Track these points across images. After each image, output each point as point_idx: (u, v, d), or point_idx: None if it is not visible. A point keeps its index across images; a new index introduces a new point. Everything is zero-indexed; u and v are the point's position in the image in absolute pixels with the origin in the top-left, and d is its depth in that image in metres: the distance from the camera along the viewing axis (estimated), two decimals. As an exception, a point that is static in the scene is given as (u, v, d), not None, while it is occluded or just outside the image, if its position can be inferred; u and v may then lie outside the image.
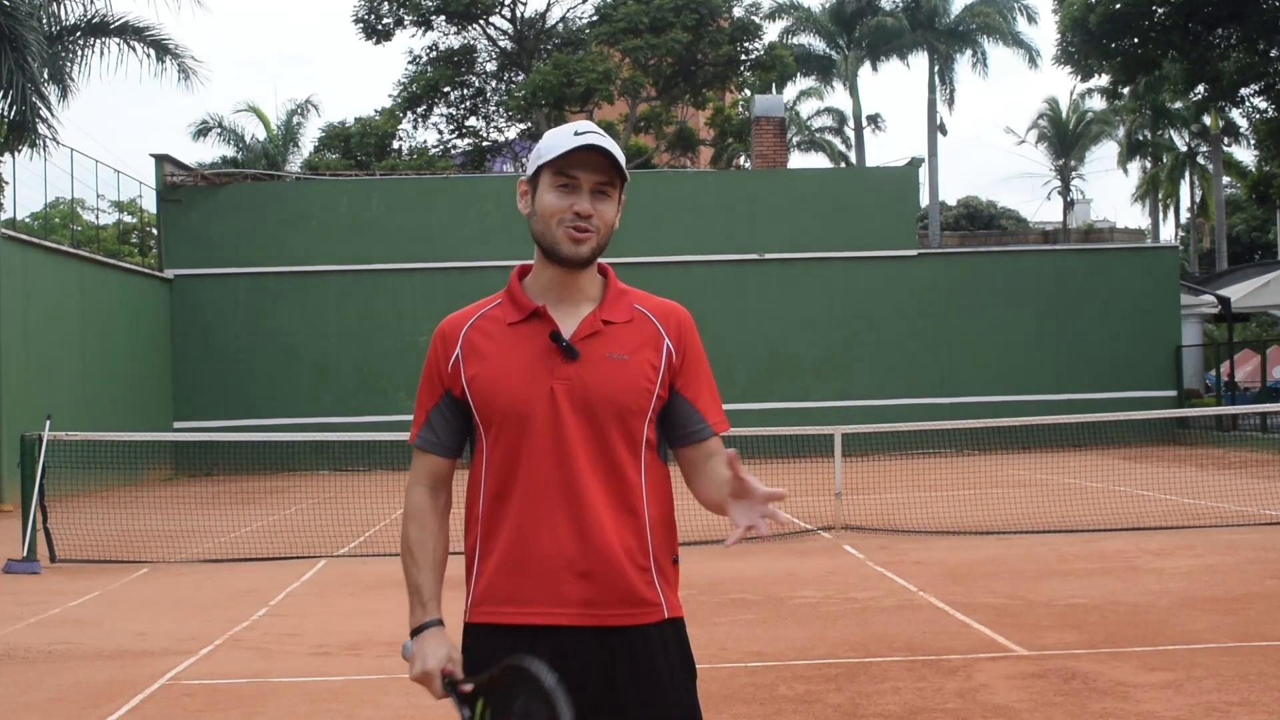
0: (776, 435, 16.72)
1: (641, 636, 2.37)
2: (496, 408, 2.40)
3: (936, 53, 42.57)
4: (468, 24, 34.94)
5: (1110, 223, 57.01)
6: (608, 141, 2.39)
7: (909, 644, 6.95)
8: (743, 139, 34.40)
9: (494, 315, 2.48)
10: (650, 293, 2.57)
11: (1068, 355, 26.36)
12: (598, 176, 2.39)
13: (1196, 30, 27.53)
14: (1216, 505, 13.58)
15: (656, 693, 2.37)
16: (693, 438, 2.49)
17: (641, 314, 2.48)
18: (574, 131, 2.40)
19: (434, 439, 2.50)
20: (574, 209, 2.38)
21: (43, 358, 19.39)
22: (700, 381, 2.50)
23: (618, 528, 2.37)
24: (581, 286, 2.45)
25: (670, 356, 2.45)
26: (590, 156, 2.37)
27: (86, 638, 7.77)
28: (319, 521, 13.97)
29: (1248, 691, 5.71)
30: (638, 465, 2.41)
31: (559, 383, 2.38)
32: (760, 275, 26.12)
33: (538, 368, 2.39)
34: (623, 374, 2.39)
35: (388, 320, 25.48)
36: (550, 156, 2.39)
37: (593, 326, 2.42)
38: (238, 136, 34.23)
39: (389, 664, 6.83)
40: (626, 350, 2.42)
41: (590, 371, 2.38)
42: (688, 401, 2.48)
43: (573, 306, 2.44)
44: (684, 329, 2.49)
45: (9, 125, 17.18)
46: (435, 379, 2.49)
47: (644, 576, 2.39)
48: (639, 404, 2.40)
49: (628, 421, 2.39)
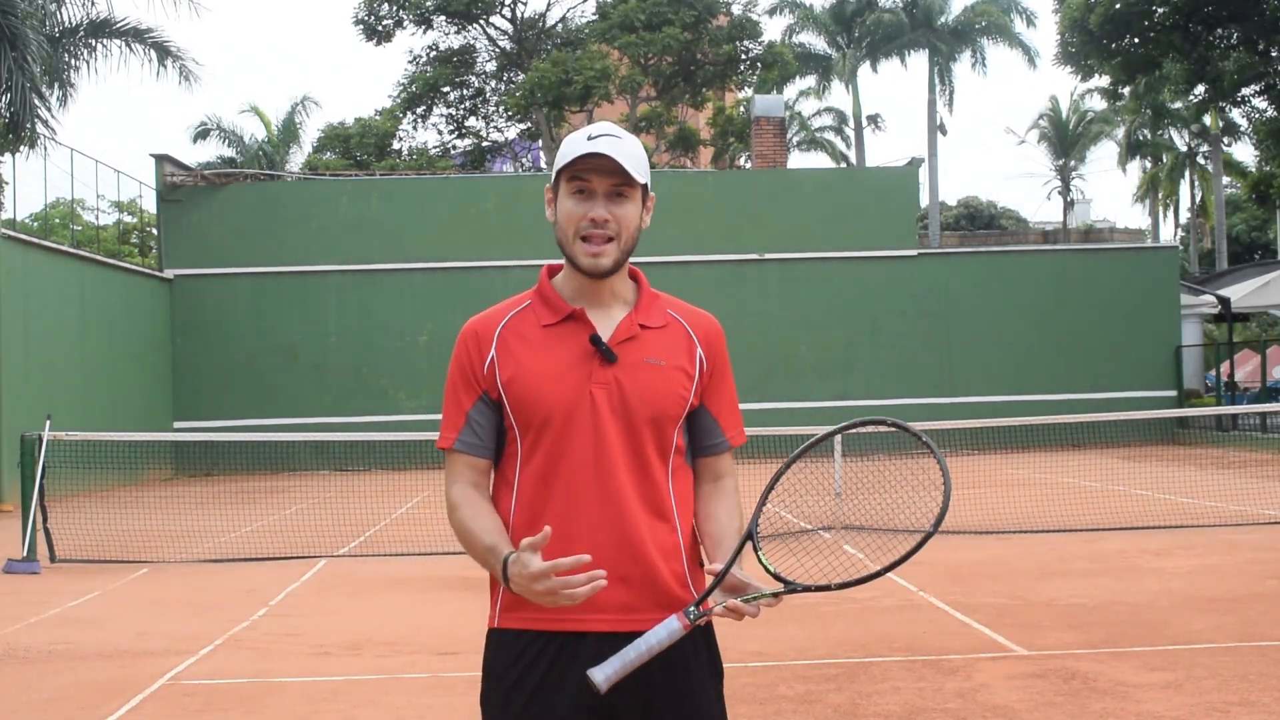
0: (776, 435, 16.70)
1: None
2: (537, 411, 2.36)
3: (936, 52, 42.58)
4: (468, 24, 34.94)
5: (1110, 223, 57.06)
6: (620, 145, 2.35)
7: (909, 644, 6.95)
8: (743, 139, 34.40)
9: (526, 317, 2.44)
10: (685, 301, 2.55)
11: (1068, 355, 26.35)
12: (612, 179, 2.35)
13: (1196, 30, 27.53)
14: (1216, 505, 13.57)
15: (688, 695, 2.38)
16: (711, 450, 2.50)
17: (675, 320, 2.47)
18: (588, 135, 2.37)
19: (476, 441, 2.42)
20: (589, 216, 2.35)
21: (43, 358, 19.38)
22: (725, 394, 2.51)
23: (653, 533, 2.37)
24: (614, 290, 2.44)
25: (702, 365, 2.45)
26: (602, 160, 2.33)
27: (86, 638, 7.77)
28: (319, 521, 13.96)
29: (1248, 691, 5.71)
30: (667, 471, 2.41)
31: (598, 387, 2.36)
32: (760, 275, 26.12)
33: (577, 371, 2.37)
34: (660, 380, 2.39)
35: (388, 320, 25.47)
36: (563, 162, 2.37)
37: (630, 331, 2.40)
38: (237, 138, 34.21)
39: (389, 664, 6.83)
40: (663, 356, 2.41)
41: (628, 376, 2.37)
42: (710, 414, 2.48)
43: (606, 310, 2.42)
44: (715, 339, 2.49)
45: (8, 125, 17.18)
46: (470, 380, 2.42)
47: (679, 580, 2.40)
48: (674, 410, 2.40)
49: (662, 427, 2.39)
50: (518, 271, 24.70)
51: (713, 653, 2.45)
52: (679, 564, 2.41)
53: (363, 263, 25.60)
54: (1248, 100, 30.30)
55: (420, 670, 6.64)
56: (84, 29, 21.34)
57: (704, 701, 2.40)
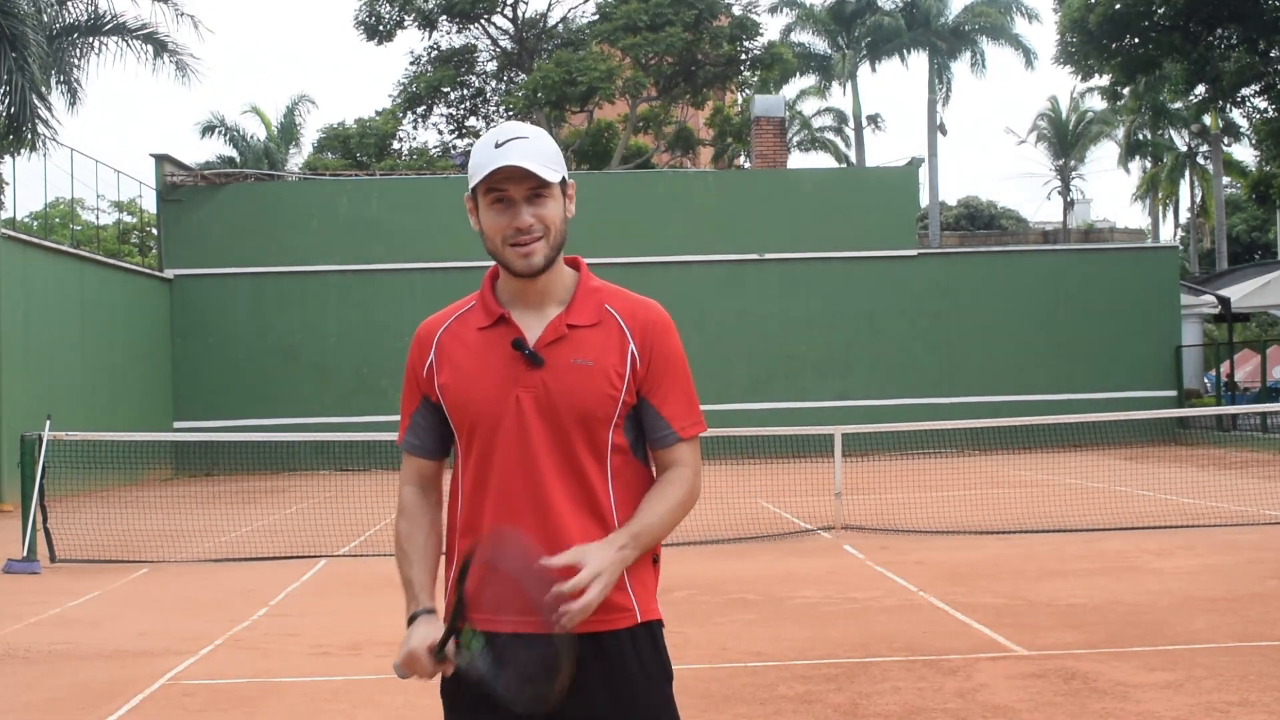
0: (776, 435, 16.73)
1: (613, 641, 2.36)
2: (467, 415, 2.40)
3: (936, 52, 42.58)
4: (469, 23, 34.94)
5: (1110, 223, 57.01)
6: (528, 147, 2.32)
7: (909, 644, 6.95)
8: (743, 139, 34.40)
9: (467, 320, 2.47)
10: (629, 291, 2.51)
11: (1068, 355, 26.35)
12: (528, 184, 2.33)
13: (1196, 30, 27.53)
14: (1216, 505, 13.57)
15: (626, 696, 2.36)
16: (659, 444, 2.47)
17: (610, 316, 2.43)
18: (495, 142, 2.34)
19: (416, 442, 2.53)
20: (513, 225, 2.34)
21: (43, 358, 19.38)
22: (668, 386, 2.44)
23: (584, 533, 2.34)
24: (547, 289, 2.42)
25: (635, 362, 2.40)
26: (514, 169, 2.31)
27: (86, 638, 7.77)
28: (319, 521, 13.97)
29: (1248, 691, 5.71)
30: (603, 471, 2.39)
31: (524, 391, 2.36)
32: (760, 275, 26.11)
33: (504, 375, 2.37)
34: (587, 381, 2.36)
35: (388, 320, 25.46)
36: (477, 176, 2.34)
37: (557, 332, 2.39)
38: (240, 136, 34.25)
39: (389, 664, 6.81)
40: (592, 355, 2.38)
41: (555, 379, 2.36)
42: (654, 408, 2.44)
43: (539, 310, 2.42)
44: (651, 331, 2.42)
45: (8, 126, 17.18)
46: (414, 383, 2.50)
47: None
48: (603, 411, 2.37)
49: (592, 428, 2.37)
50: (518, 271, 24.69)
51: (659, 652, 2.43)
52: None
53: (363, 263, 25.60)
54: (1248, 100, 30.30)
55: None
56: (82, 27, 21.33)
57: (647, 703, 2.38)
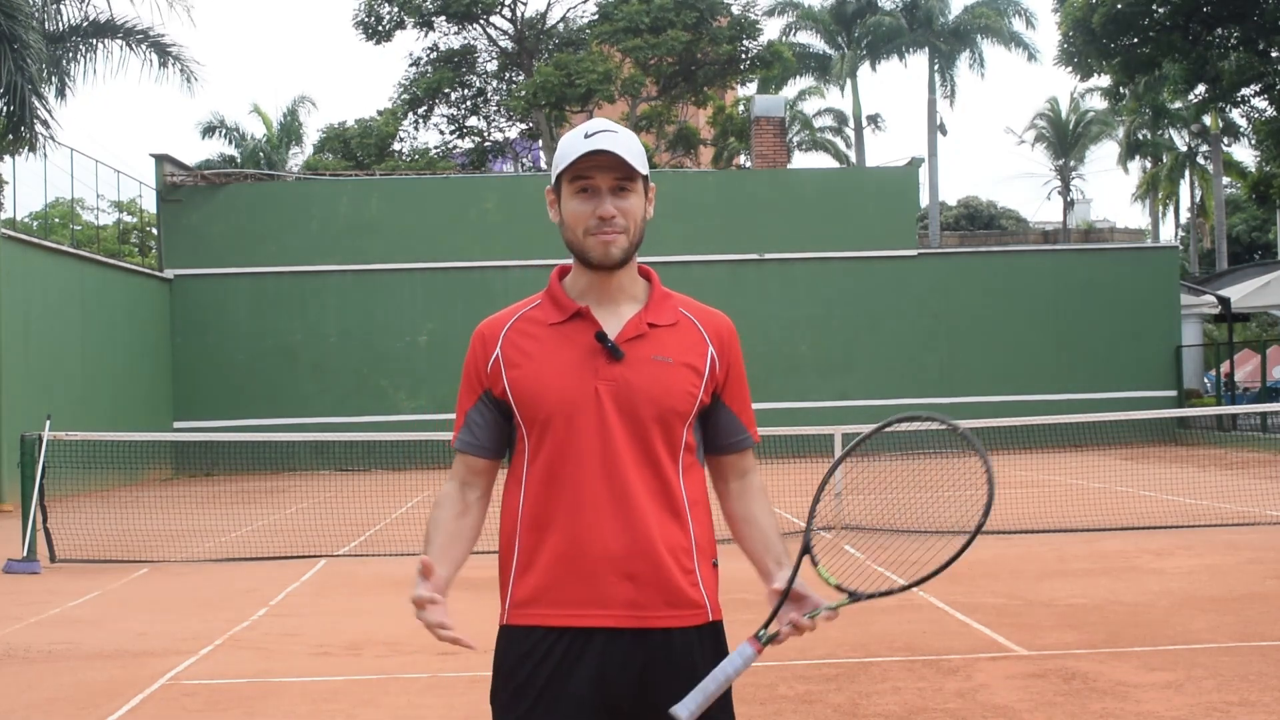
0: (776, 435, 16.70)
1: (682, 638, 2.37)
2: (541, 408, 2.38)
3: (936, 52, 42.57)
4: (468, 24, 34.92)
5: (1110, 223, 57.03)
6: (618, 140, 2.36)
7: (909, 644, 6.95)
8: (743, 139, 34.39)
9: (534, 316, 2.47)
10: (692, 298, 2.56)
11: (1068, 355, 26.36)
12: (614, 175, 2.37)
13: (1196, 30, 27.52)
14: (1216, 505, 13.57)
15: None
16: (734, 447, 2.52)
17: (686, 318, 2.47)
18: (585, 134, 2.38)
19: (472, 439, 2.49)
20: (596, 214, 2.36)
21: (43, 358, 19.38)
22: (741, 391, 2.52)
23: (663, 529, 2.36)
24: (622, 287, 2.44)
25: (714, 364, 2.45)
26: (603, 156, 2.34)
27: (86, 638, 7.77)
28: (319, 521, 13.97)
29: (1248, 691, 5.71)
30: (677, 468, 2.41)
31: (604, 383, 2.37)
32: (760, 275, 26.12)
33: (583, 368, 2.38)
34: (667, 377, 2.39)
35: (388, 320, 25.47)
36: (564, 164, 2.37)
37: (638, 329, 2.41)
38: (241, 136, 34.24)
39: (389, 664, 6.83)
40: (671, 353, 2.41)
41: (635, 373, 2.37)
42: (731, 411, 2.50)
43: (615, 307, 2.43)
44: (727, 337, 2.49)
45: (8, 127, 17.17)
46: (474, 380, 2.48)
47: (689, 578, 2.39)
48: (683, 407, 2.40)
49: (670, 424, 2.39)
50: (518, 271, 24.72)
51: (722, 653, 2.44)
52: (689, 561, 2.40)
53: (363, 263, 25.60)
54: (1247, 100, 30.29)
55: (420, 670, 6.64)
56: (84, 28, 21.32)
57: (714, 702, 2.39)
